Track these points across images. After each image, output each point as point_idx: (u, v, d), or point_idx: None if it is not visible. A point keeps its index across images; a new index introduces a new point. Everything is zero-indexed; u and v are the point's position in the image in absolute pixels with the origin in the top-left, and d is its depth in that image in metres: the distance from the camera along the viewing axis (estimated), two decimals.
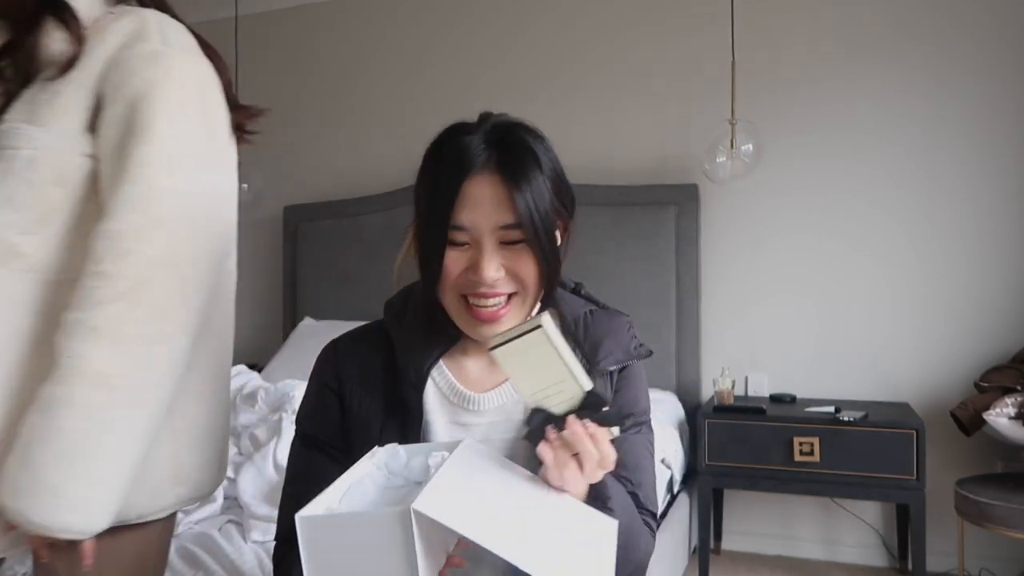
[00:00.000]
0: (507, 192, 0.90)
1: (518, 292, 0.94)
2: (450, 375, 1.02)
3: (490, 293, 0.92)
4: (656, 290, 3.21)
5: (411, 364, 0.98)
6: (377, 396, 0.99)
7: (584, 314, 1.05)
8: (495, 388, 1.02)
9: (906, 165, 3.05)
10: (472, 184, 0.91)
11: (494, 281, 0.91)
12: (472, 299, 0.93)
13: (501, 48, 3.66)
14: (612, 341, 1.03)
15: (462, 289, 0.93)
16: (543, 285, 0.95)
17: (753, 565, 3.09)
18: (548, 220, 0.93)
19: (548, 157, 0.96)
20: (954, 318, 2.99)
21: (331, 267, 3.76)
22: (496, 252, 0.92)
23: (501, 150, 0.92)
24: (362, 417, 0.99)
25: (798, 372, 3.17)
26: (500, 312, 0.93)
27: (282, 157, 4.06)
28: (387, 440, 0.94)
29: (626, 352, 1.03)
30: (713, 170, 2.95)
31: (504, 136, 0.94)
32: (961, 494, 2.51)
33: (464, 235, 0.92)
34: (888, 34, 3.07)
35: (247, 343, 4.15)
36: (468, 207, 0.91)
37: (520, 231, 0.91)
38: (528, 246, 0.92)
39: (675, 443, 2.78)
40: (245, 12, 3.89)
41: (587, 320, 1.05)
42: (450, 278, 0.93)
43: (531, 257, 0.92)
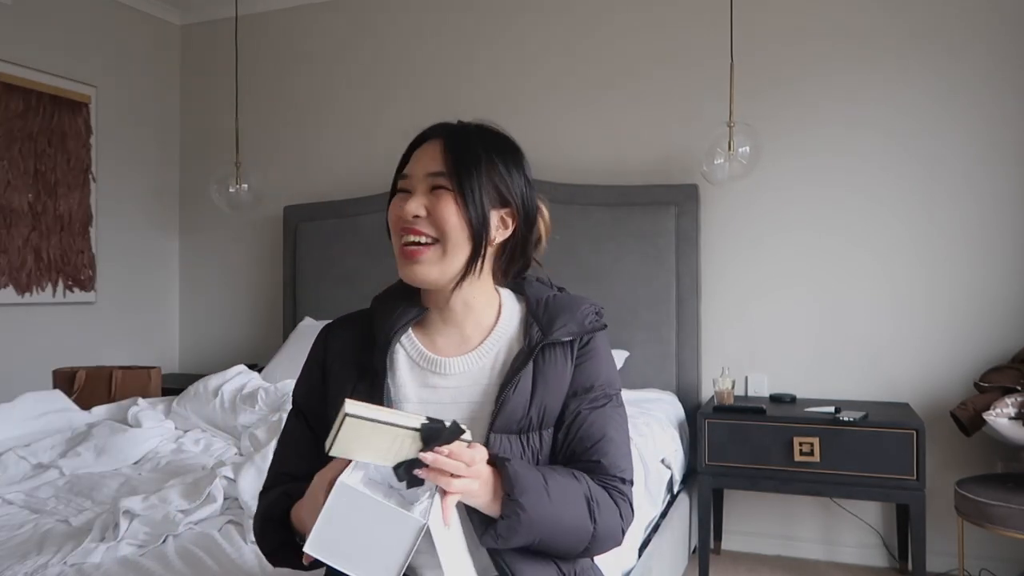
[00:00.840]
0: (441, 148, 1.06)
1: (440, 240, 1.04)
2: (419, 343, 1.12)
3: (412, 229, 1.04)
4: (656, 290, 3.21)
5: (380, 330, 1.10)
6: (351, 364, 1.10)
7: (547, 296, 1.15)
8: (463, 355, 1.10)
9: (905, 165, 3.05)
10: (425, 146, 1.09)
11: (414, 217, 1.04)
12: (403, 237, 1.05)
13: (502, 49, 3.66)
14: (567, 315, 1.11)
15: (397, 230, 1.07)
16: (468, 241, 1.05)
17: (753, 565, 3.09)
18: (474, 180, 1.04)
19: (501, 150, 1.10)
20: (954, 318, 2.99)
21: (331, 267, 3.76)
22: (423, 195, 1.05)
23: (456, 129, 1.10)
24: (338, 384, 1.09)
25: (798, 372, 3.17)
26: (419, 251, 1.04)
27: (282, 157, 4.06)
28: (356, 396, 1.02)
29: (580, 325, 1.11)
30: (711, 172, 2.96)
31: (468, 124, 1.12)
32: (961, 494, 2.51)
33: (406, 183, 1.08)
34: (887, 34, 3.07)
35: (247, 343, 4.15)
36: (413, 161, 1.08)
37: (445, 178, 1.04)
38: (452, 194, 1.04)
39: (675, 443, 2.78)
40: (245, 12, 3.89)
41: (548, 301, 1.14)
42: (394, 219, 1.07)
43: (454, 205, 1.04)
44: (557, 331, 1.09)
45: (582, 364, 1.10)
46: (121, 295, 4.01)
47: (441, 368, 1.10)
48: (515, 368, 1.07)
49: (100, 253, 3.89)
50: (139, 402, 2.71)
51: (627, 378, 3.14)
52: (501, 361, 1.10)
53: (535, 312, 1.12)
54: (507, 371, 1.08)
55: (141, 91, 4.15)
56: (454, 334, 1.12)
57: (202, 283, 4.29)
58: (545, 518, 0.97)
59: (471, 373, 1.09)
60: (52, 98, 3.67)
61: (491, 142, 1.09)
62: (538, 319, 1.10)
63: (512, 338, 1.12)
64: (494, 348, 1.11)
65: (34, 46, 3.60)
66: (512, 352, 1.10)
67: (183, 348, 4.34)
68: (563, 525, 0.99)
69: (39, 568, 1.41)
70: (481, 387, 1.08)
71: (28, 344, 3.56)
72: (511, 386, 1.05)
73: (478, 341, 1.11)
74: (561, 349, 1.09)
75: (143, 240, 4.16)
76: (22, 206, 3.54)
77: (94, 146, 3.86)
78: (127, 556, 1.47)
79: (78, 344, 3.77)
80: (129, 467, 2.23)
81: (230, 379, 2.74)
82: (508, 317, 1.13)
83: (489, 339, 1.11)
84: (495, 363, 1.10)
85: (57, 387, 3.16)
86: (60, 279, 3.70)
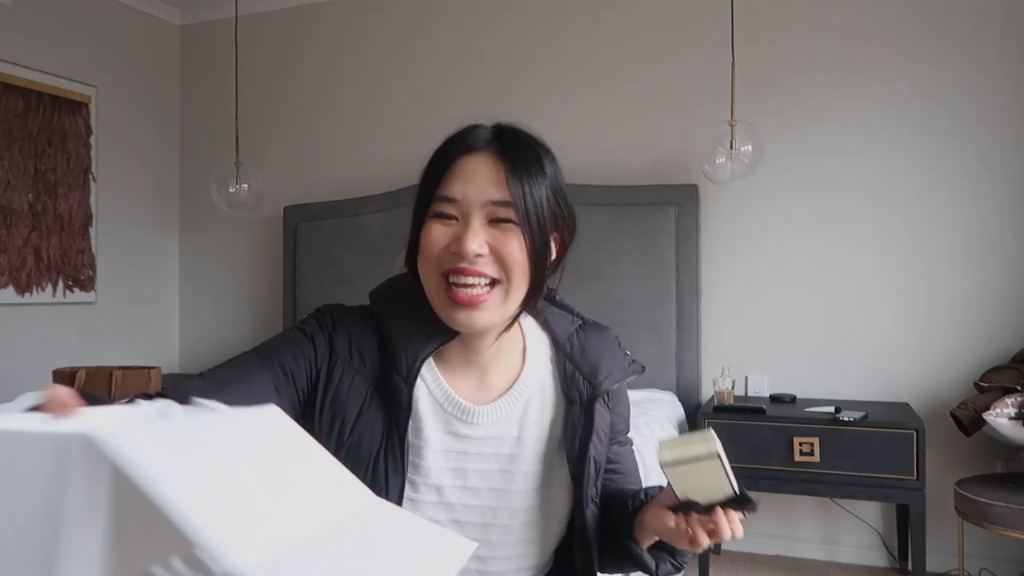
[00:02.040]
0: (504, 171, 0.89)
1: (501, 280, 0.89)
2: (444, 381, 0.97)
3: (470, 270, 0.88)
4: (656, 290, 3.21)
5: (404, 353, 0.93)
6: (363, 379, 0.93)
7: (575, 332, 1.03)
8: (493, 402, 0.98)
9: (906, 165, 3.05)
10: (469, 159, 0.91)
11: (475, 256, 0.87)
12: (453, 277, 0.89)
13: (501, 48, 3.65)
14: (609, 360, 1.01)
15: (443, 266, 0.89)
16: (530, 279, 0.91)
17: (753, 565, 3.09)
18: (542, 209, 0.90)
19: (553, 167, 0.95)
20: (954, 318, 2.98)
21: (331, 267, 3.76)
22: (483, 228, 0.89)
23: (506, 140, 0.93)
24: (345, 395, 0.92)
25: (798, 372, 3.17)
26: (480, 297, 0.88)
27: (282, 157, 4.06)
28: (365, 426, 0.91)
29: (623, 370, 1.02)
30: (713, 171, 2.95)
31: (511, 131, 0.95)
32: (961, 494, 2.51)
33: (453, 207, 0.89)
34: (888, 33, 3.06)
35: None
36: (462, 180, 0.89)
37: (511, 210, 0.88)
38: (518, 228, 0.89)
39: None
40: (245, 12, 3.88)
41: (580, 338, 1.03)
42: (432, 252, 0.89)
43: (519, 241, 0.89)
44: (604, 381, 0.99)
45: (616, 408, 1.04)
46: (121, 295, 4.01)
47: (470, 417, 0.96)
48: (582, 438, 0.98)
49: (100, 253, 3.89)
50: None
51: None
52: (534, 413, 0.99)
53: (571, 355, 1.00)
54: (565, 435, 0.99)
55: (141, 91, 4.15)
56: (476, 375, 0.98)
57: (202, 283, 4.29)
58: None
59: (499, 424, 0.97)
60: (52, 98, 3.67)
61: (543, 155, 0.94)
62: (577, 364, 1.00)
63: (542, 384, 1.01)
64: (523, 396, 0.99)
65: (34, 46, 3.60)
66: (546, 401, 1.00)
67: (183, 348, 4.34)
68: None
69: None
70: (510, 439, 0.98)
71: (28, 344, 3.56)
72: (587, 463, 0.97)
73: (503, 386, 0.99)
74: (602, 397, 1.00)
75: (143, 240, 4.16)
76: (22, 206, 3.54)
77: (94, 146, 3.86)
78: None
79: (78, 344, 3.76)
80: None
81: None
82: (535, 358, 1.01)
83: (517, 385, 0.99)
84: (525, 413, 0.99)
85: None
86: (60, 279, 3.70)
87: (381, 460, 0.91)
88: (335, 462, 0.64)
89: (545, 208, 0.91)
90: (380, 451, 0.91)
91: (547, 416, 1.00)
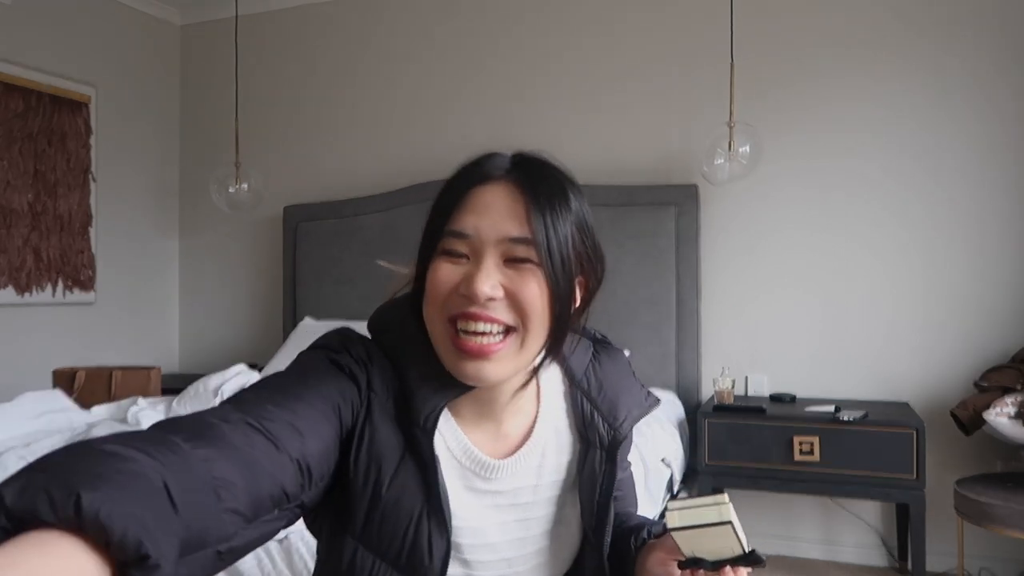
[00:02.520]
0: (524, 204, 0.78)
1: (517, 328, 0.79)
2: (462, 433, 0.87)
3: (482, 316, 0.77)
4: (656, 290, 3.21)
5: (420, 404, 0.81)
6: (392, 426, 0.81)
7: (590, 364, 0.95)
8: (510, 457, 0.89)
9: (905, 165, 3.05)
10: (484, 190, 0.80)
11: (488, 299, 0.77)
12: (461, 323, 0.78)
13: (501, 49, 3.66)
14: (627, 397, 0.94)
15: (451, 311, 0.79)
16: (549, 328, 0.80)
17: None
18: (567, 248, 0.80)
19: (579, 202, 0.83)
20: (954, 318, 2.98)
21: (331, 267, 3.76)
22: (497, 268, 0.78)
23: (526, 169, 0.82)
24: (379, 442, 0.80)
25: (798, 372, 3.17)
26: (493, 346, 0.78)
27: (282, 157, 4.06)
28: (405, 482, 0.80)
29: (641, 408, 0.96)
30: (712, 172, 2.95)
31: (533, 160, 0.84)
32: (961, 494, 2.51)
33: (463, 244, 0.79)
34: (886, 34, 3.07)
35: (247, 343, 4.15)
36: (475, 212, 0.79)
37: (531, 248, 0.77)
38: (539, 270, 0.78)
39: (675, 443, 2.78)
40: (245, 12, 3.88)
41: (596, 372, 0.95)
42: (440, 294, 0.79)
43: (538, 284, 0.78)
44: (624, 423, 0.92)
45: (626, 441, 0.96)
46: (121, 295, 4.01)
47: (490, 473, 0.87)
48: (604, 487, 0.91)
49: (100, 253, 3.89)
50: (139, 402, 2.71)
51: None
52: (551, 459, 0.91)
53: (588, 393, 0.92)
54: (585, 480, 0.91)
55: (141, 91, 4.15)
56: (492, 428, 0.89)
57: (202, 283, 4.29)
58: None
59: (518, 477, 0.89)
60: (52, 98, 3.67)
61: (568, 187, 0.83)
62: (596, 404, 0.92)
63: (558, 427, 0.92)
64: (539, 444, 0.91)
65: (34, 46, 3.60)
66: (561, 443, 0.92)
67: (183, 348, 4.34)
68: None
69: None
70: (528, 489, 0.90)
71: (28, 344, 3.56)
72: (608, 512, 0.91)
73: (520, 436, 0.90)
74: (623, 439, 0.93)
75: (143, 240, 4.16)
76: (22, 206, 3.54)
77: (94, 146, 3.86)
78: None
79: (78, 344, 3.76)
80: None
81: (230, 379, 2.75)
82: (549, 401, 0.93)
83: (534, 435, 0.90)
84: (542, 461, 0.91)
85: (57, 387, 3.15)
86: (60, 279, 3.70)
87: (425, 521, 0.80)
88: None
89: (570, 247, 0.80)
90: (423, 511, 0.80)
91: (564, 459, 0.93)
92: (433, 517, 0.80)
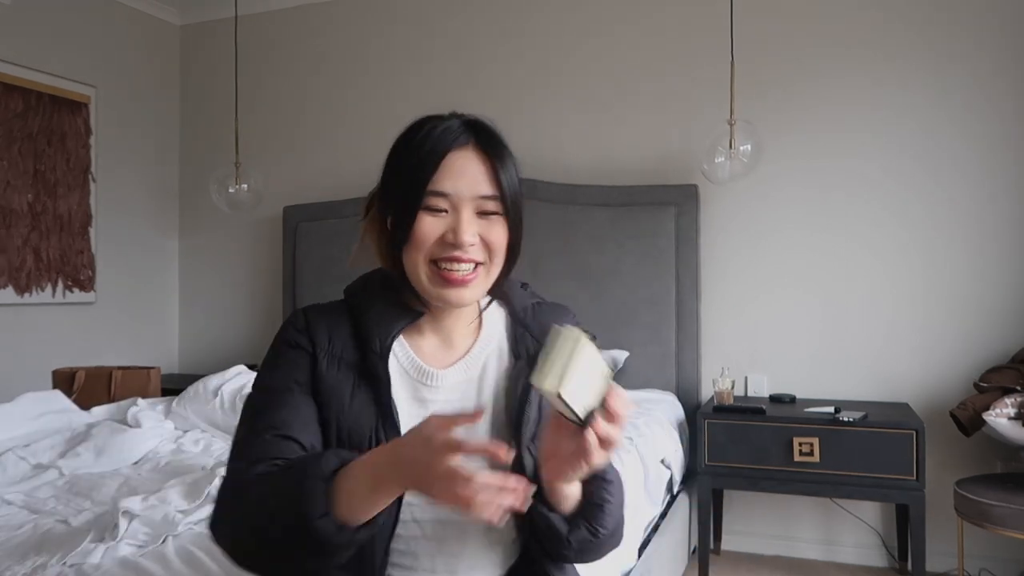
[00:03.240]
0: (490, 167, 0.99)
1: (484, 263, 1.01)
2: (410, 350, 1.05)
3: (464, 258, 0.98)
4: (656, 290, 3.21)
5: (376, 334, 1.01)
6: (345, 365, 1.01)
7: (531, 305, 1.14)
8: (451, 366, 1.05)
9: (905, 165, 3.05)
10: (456, 156, 0.99)
11: (469, 246, 0.98)
12: (444, 264, 0.98)
13: (501, 48, 3.66)
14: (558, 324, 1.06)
15: (434, 255, 0.99)
16: (506, 259, 1.03)
17: (753, 565, 3.09)
18: (519, 199, 1.03)
19: (514, 159, 1.04)
20: (954, 318, 2.98)
21: (331, 267, 3.76)
22: (474, 220, 0.99)
23: (479, 133, 1.02)
24: (332, 384, 0.99)
25: (798, 372, 3.17)
26: (468, 278, 0.99)
27: (282, 157, 4.06)
28: (359, 408, 0.98)
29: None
30: (712, 170, 2.95)
31: (479, 124, 1.03)
32: (961, 494, 2.51)
33: (444, 201, 0.98)
34: (887, 34, 3.07)
35: (247, 343, 4.15)
36: (452, 176, 0.98)
37: (498, 202, 1.00)
38: (502, 218, 1.00)
39: (675, 443, 2.78)
40: (245, 12, 3.88)
41: (535, 310, 1.13)
42: (425, 244, 0.98)
43: (503, 228, 1.01)
44: None
45: None
46: (121, 295, 4.01)
47: (432, 380, 1.04)
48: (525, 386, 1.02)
49: (100, 253, 3.89)
50: (139, 402, 2.71)
51: (627, 378, 3.14)
52: (491, 374, 1.07)
53: (523, 320, 1.10)
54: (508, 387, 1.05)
55: (141, 91, 4.15)
56: (440, 340, 1.07)
57: (202, 283, 4.29)
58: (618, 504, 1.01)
59: (459, 386, 1.05)
60: (52, 98, 3.67)
61: (509, 149, 1.04)
62: (528, 328, 1.09)
63: (499, 346, 1.09)
64: (481, 357, 1.07)
65: (34, 46, 3.60)
66: (502, 362, 1.08)
67: (183, 348, 4.34)
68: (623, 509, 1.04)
69: (38, 568, 1.41)
70: (470, 400, 1.04)
71: (28, 344, 3.56)
72: (530, 405, 1.02)
73: (464, 349, 1.07)
74: None
75: (143, 240, 4.16)
76: (22, 206, 3.54)
77: (94, 146, 3.86)
78: (126, 557, 1.47)
79: (78, 344, 3.77)
80: (129, 467, 2.22)
81: (230, 379, 2.75)
82: (492, 323, 1.11)
83: (476, 347, 1.08)
84: (483, 374, 1.06)
85: (57, 387, 3.16)
86: (60, 279, 3.70)
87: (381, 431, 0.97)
88: None
89: (520, 197, 1.03)
90: (377, 426, 0.98)
91: (502, 380, 1.07)
92: (387, 427, 0.98)
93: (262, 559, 0.90)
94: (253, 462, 0.92)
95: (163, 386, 3.44)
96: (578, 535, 0.97)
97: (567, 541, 0.97)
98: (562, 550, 0.99)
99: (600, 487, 0.98)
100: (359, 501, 0.83)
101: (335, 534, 0.82)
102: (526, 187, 3.58)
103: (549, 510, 0.97)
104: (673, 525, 2.66)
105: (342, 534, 0.82)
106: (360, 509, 0.83)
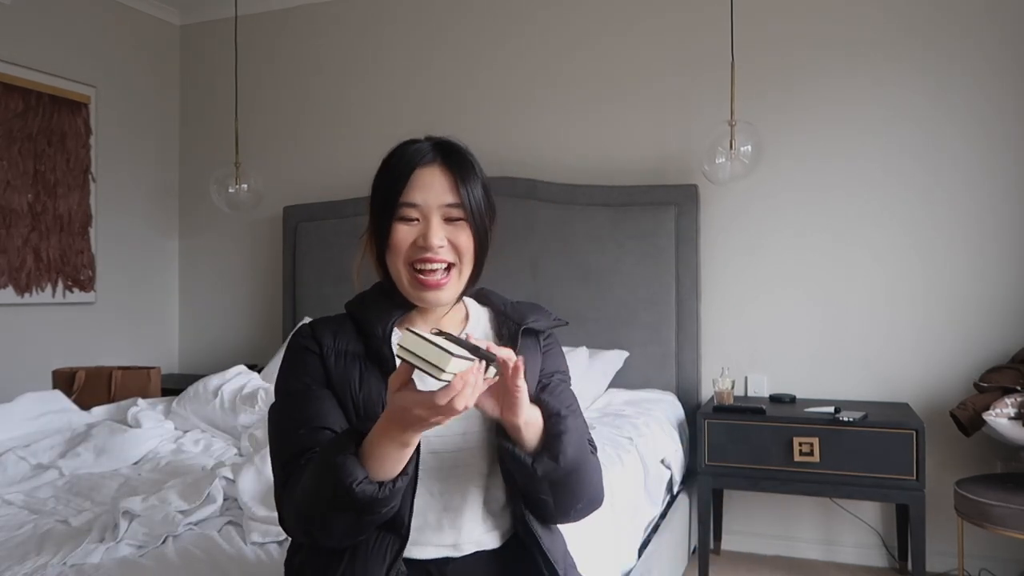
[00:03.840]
0: (452, 180, 1.15)
1: (455, 264, 1.15)
2: None
3: (434, 259, 1.13)
4: (656, 290, 3.21)
5: (377, 323, 1.16)
6: (352, 356, 1.15)
7: (510, 303, 1.28)
8: None
9: (905, 166, 3.05)
10: (422, 173, 1.15)
11: (438, 248, 1.12)
12: (419, 266, 1.14)
13: (500, 49, 3.66)
14: (537, 312, 1.26)
15: (410, 259, 1.14)
16: (476, 261, 1.17)
17: (753, 565, 3.09)
18: (481, 206, 1.16)
19: (480, 170, 1.19)
20: (954, 318, 2.98)
21: (331, 267, 3.76)
22: (441, 226, 1.14)
23: (445, 152, 1.17)
24: (342, 373, 1.14)
25: (798, 372, 3.17)
26: (442, 280, 1.14)
27: (282, 157, 4.06)
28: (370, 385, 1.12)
29: (548, 320, 1.27)
30: (712, 171, 2.95)
31: (446, 144, 1.19)
32: (961, 494, 2.51)
33: (415, 211, 1.14)
34: (887, 34, 3.07)
35: (247, 343, 4.15)
36: (419, 189, 1.14)
37: (461, 210, 1.14)
38: (466, 223, 1.15)
39: (675, 443, 2.78)
40: (245, 12, 3.88)
41: (513, 306, 1.27)
42: (401, 249, 1.14)
43: (468, 232, 1.15)
44: (531, 323, 1.23)
45: (548, 352, 1.26)
46: (121, 295, 4.01)
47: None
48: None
49: (100, 253, 3.89)
50: (139, 402, 2.71)
51: (627, 378, 3.14)
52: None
53: (504, 312, 1.25)
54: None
55: (141, 91, 4.15)
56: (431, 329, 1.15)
57: (202, 283, 4.29)
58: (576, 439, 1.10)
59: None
60: (52, 98, 3.67)
61: (474, 162, 1.19)
62: (509, 316, 1.24)
63: (485, 333, 1.24)
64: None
65: (34, 46, 3.60)
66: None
67: (183, 348, 4.34)
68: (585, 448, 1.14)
69: (38, 568, 1.41)
70: None
71: (28, 344, 3.56)
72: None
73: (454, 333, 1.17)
74: (533, 338, 1.24)
75: (143, 240, 4.16)
76: (22, 206, 3.54)
77: (94, 146, 3.86)
78: (126, 557, 1.47)
79: (78, 344, 3.77)
80: (129, 467, 2.23)
81: (230, 379, 2.74)
82: (476, 318, 1.26)
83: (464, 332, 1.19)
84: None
85: (57, 387, 3.16)
86: (60, 279, 3.70)
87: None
88: None
89: (483, 205, 1.17)
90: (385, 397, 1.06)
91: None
92: None
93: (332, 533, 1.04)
94: (296, 457, 1.08)
95: (163, 386, 3.44)
96: (543, 464, 1.07)
97: (533, 470, 1.07)
98: (535, 488, 1.09)
99: (555, 421, 1.09)
100: (384, 459, 0.98)
101: (377, 491, 0.98)
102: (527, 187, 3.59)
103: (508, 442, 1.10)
104: (673, 525, 2.67)
105: (383, 490, 0.98)
106: (388, 464, 0.98)
